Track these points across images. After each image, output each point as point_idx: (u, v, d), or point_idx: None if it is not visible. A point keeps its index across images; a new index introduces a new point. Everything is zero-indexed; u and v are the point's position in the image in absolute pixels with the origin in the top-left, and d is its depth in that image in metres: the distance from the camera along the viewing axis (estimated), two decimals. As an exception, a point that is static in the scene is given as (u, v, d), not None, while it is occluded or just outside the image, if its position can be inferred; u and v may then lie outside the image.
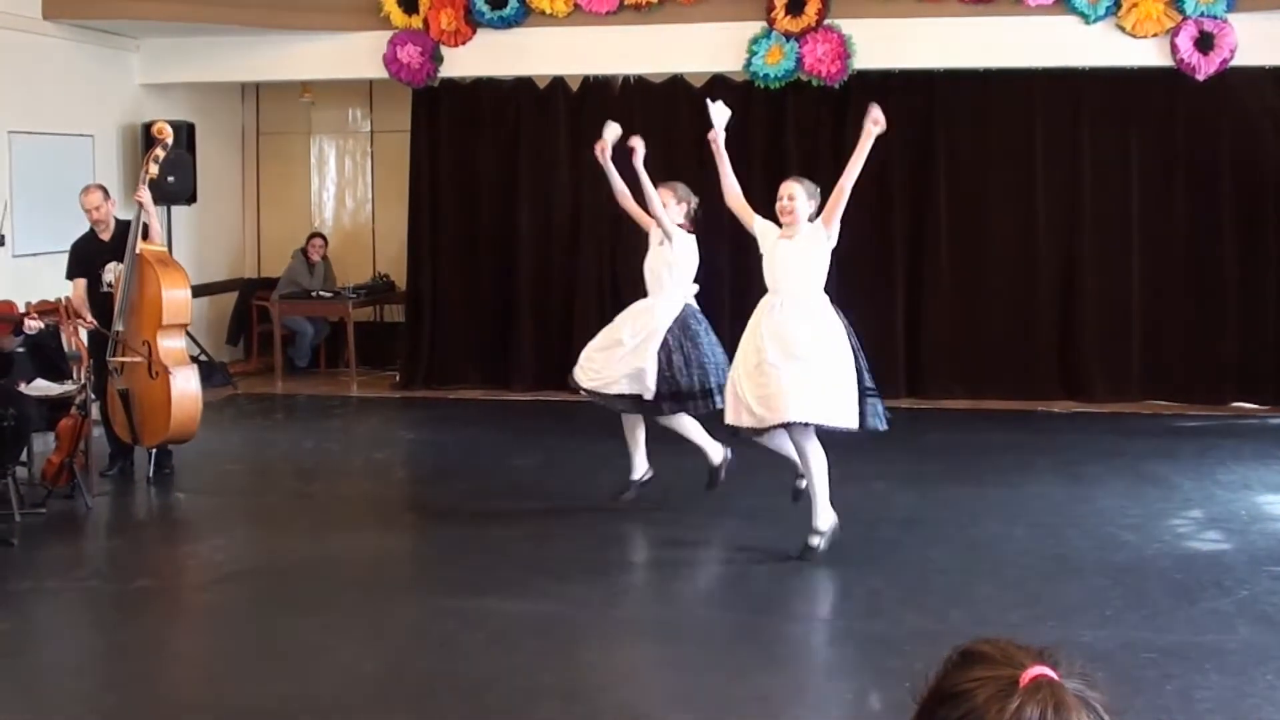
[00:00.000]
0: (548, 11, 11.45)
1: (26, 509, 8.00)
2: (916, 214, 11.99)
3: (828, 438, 7.01)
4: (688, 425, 7.99)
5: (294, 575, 7.12)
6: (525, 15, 11.54)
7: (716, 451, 8.02)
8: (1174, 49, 10.67)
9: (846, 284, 11.98)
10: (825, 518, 7.10)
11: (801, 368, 6.86)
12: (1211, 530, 7.77)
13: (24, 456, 8.52)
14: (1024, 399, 11.68)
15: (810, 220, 7.17)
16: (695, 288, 7.99)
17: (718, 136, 7.64)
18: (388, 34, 11.77)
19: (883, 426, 7.11)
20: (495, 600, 6.58)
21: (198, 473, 9.40)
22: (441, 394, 12.30)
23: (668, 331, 7.76)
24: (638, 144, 8.00)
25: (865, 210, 11.95)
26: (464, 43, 11.73)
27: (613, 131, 8.15)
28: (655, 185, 7.92)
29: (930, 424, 11.05)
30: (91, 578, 7.24)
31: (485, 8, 11.55)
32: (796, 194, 7.19)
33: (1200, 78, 10.73)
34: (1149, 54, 10.80)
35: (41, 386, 8.81)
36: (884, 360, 12.04)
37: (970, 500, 8.49)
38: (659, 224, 7.85)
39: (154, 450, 9.08)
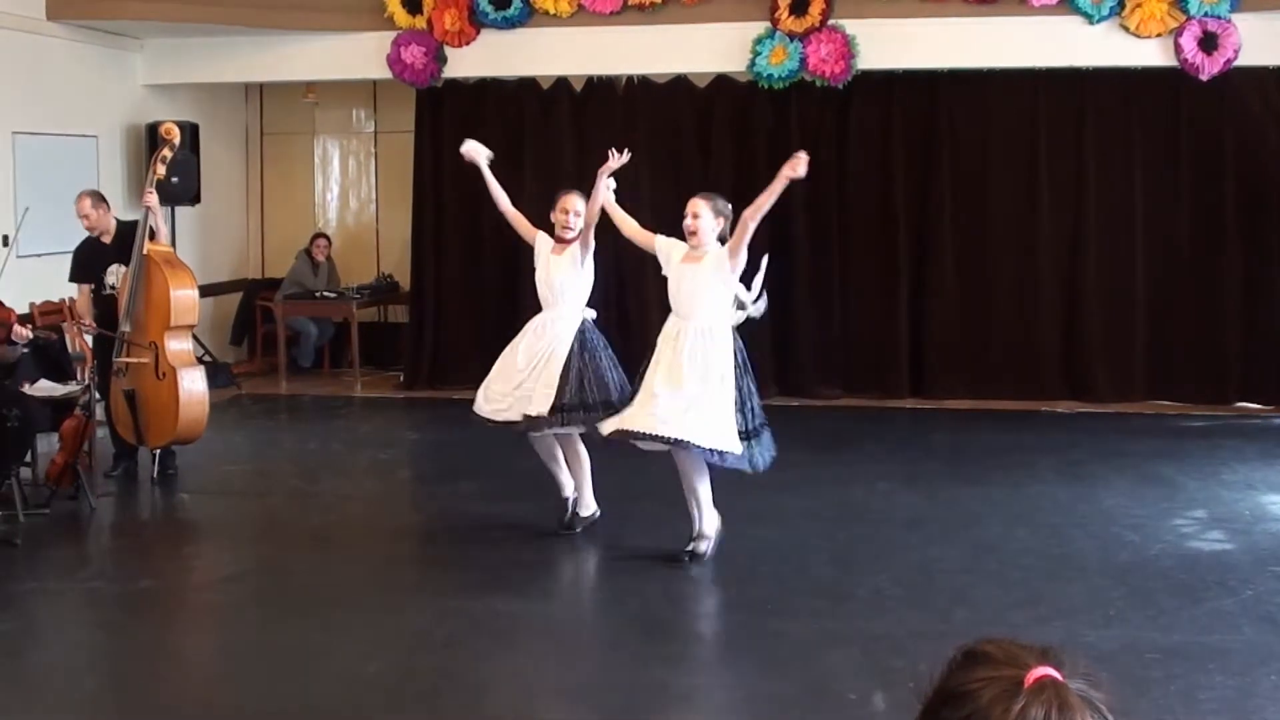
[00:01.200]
0: (551, 12, 11.45)
1: (30, 509, 8.00)
2: (920, 214, 11.99)
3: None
4: (551, 449, 7.79)
5: (298, 576, 7.13)
6: (529, 15, 11.54)
7: (568, 485, 7.83)
8: (1178, 49, 10.66)
9: (851, 284, 12.09)
10: (710, 522, 7.10)
11: (686, 398, 6.76)
12: (1215, 530, 7.76)
13: (28, 457, 8.53)
14: (1028, 399, 11.69)
15: (721, 242, 6.97)
16: (592, 312, 7.70)
17: (600, 183, 7.49)
18: (391, 34, 11.78)
19: (764, 466, 6.93)
20: (500, 601, 6.58)
21: (201, 473, 9.40)
22: (445, 394, 12.29)
23: (569, 350, 7.47)
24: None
25: (869, 210, 12.00)
26: (468, 43, 11.73)
27: (480, 154, 8.08)
28: (545, 194, 7.92)
29: (934, 424, 11.07)
30: (95, 578, 7.24)
31: (489, 8, 11.56)
32: (702, 212, 6.96)
33: (1204, 78, 10.72)
34: (1153, 54, 10.80)
35: (45, 387, 8.82)
36: (888, 361, 12.09)
37: (974, 500, 8.48)
38: (586, 240, 7.63)
39: (158, 451, 9.08)
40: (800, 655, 5.92)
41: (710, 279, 6.89)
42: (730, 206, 7.05)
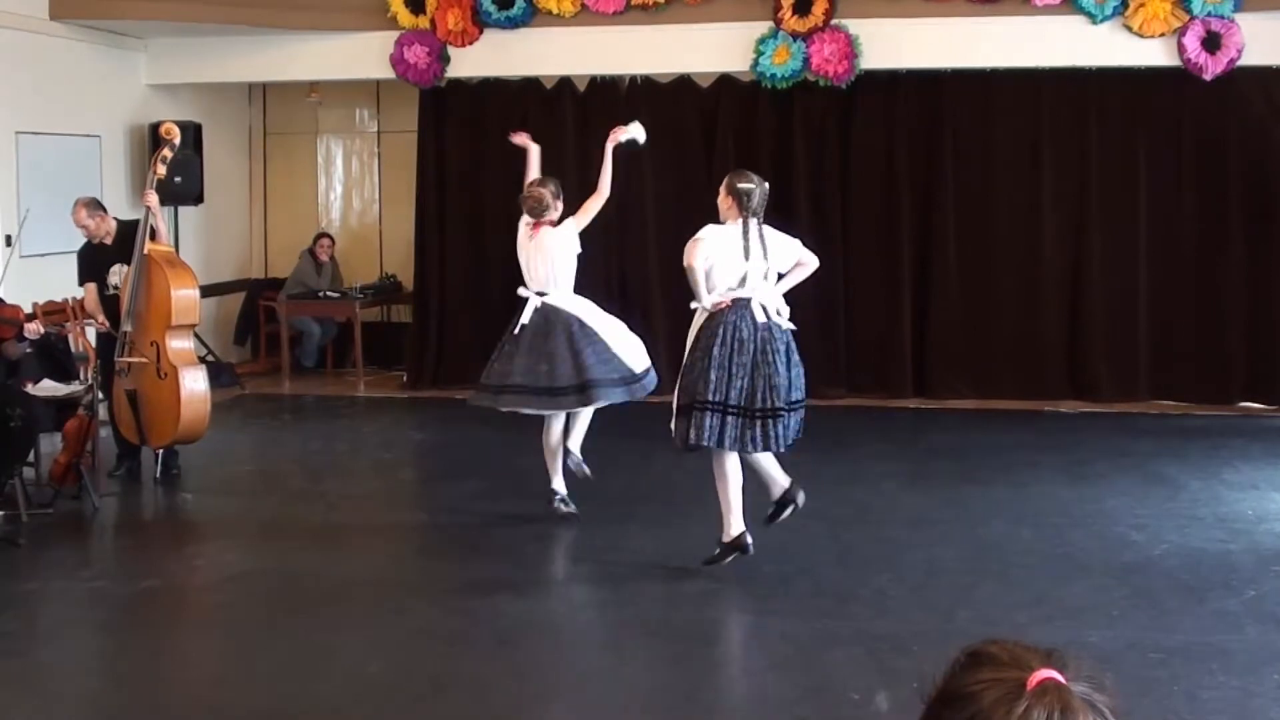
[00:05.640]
0: (555, 12, 11.45)
1: (34, 509, 8.01)
2: (923, 214, 11.99)
3: None
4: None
5: (301, 576, 7.12)
6: (532, 15, 11.54)
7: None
8: (1181, 49, 10.66)
9: (854, 284, 12.08)
10: (727, 528, 6.97)
11: None
12: (1218, 530, 7.75)
13: (31, 457, 8.53)
14: (1031, 399, 11.68)
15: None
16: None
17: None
18: (395, 34, 11.78)
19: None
20: (502, 600, 6.58)
21: (205, 473, 9.40)
22: (449, 394, 12.29)
23: (573, 326, 7.79)
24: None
25: (872, 210, 12.00)
26: (471, 43, 11.74)
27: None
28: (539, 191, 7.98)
29: (937, 424, 11.06)
30: (98, 578, 7.24)
31: (492, 8, 11.56)
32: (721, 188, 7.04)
33: (1207, 77, 10.72)
34: (1156, 54, 10.80)
35: (49, 387, 8.83)
36: (892, 360, 12.08)
37: (977, 500, 8.48)
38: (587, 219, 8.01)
39: (161, 451, 9.09)
40: (803, 655, 5.91)
41: None
42: (734, 185, 6.91)
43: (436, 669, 5.79)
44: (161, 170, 9.02)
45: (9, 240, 10.10)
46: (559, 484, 7.95)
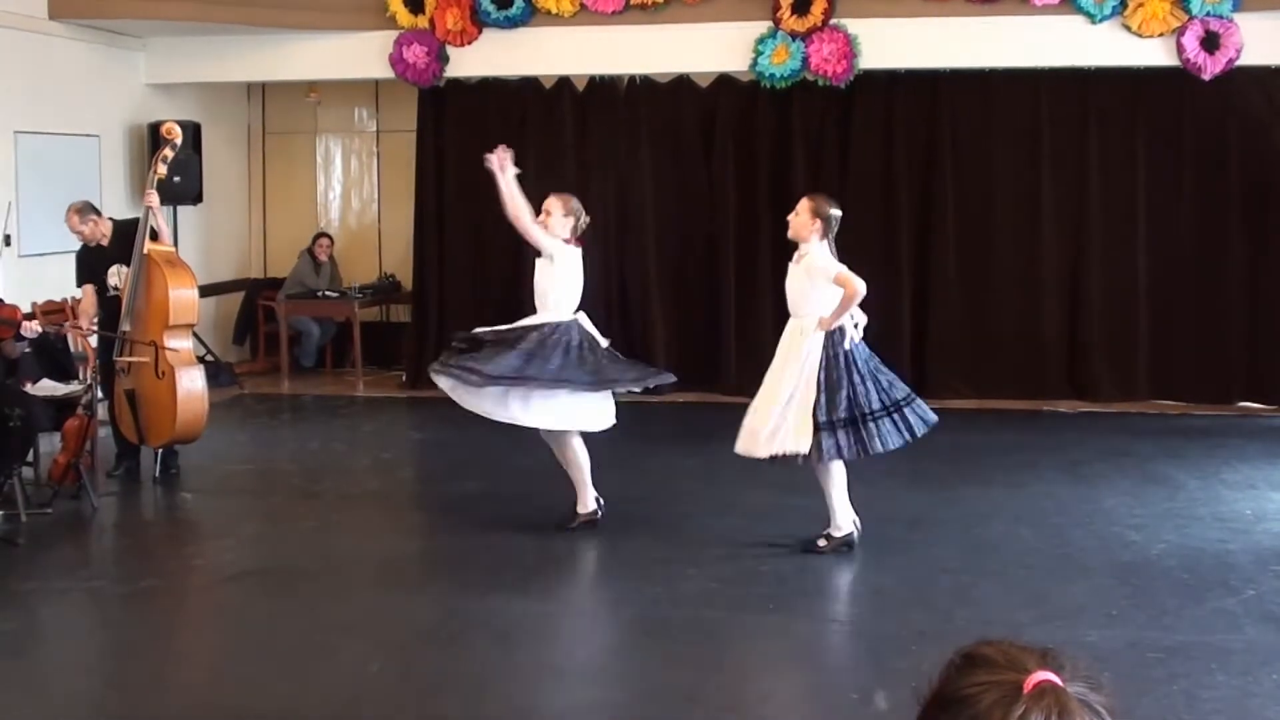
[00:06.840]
0: (554, 11, 11.45)
1: (33, 509, 8.00)
2: (922, 214, 11.98)
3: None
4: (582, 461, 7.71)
5: (300, 575, 7.13)
6: (531, 15, 11.55)
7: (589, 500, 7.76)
8: (1180, 48, 10.66)
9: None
10: (837, 522, 7.24)
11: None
12: (1217, 530, 7.75)
13: (30, 456, 8.53)
14: (1031, 399, 11.68)
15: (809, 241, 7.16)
16: (575, 303, 7.63)
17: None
18: (394, 34, 11.78)
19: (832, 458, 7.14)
20: (502, 599, 6.58)
21: (204, 473, 9.40)
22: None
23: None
24: (505, 155, 7.52)
25: (871, 210, 11.98)
26: (470, 42, 11.74)
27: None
28: (546, 195, 7.67)
29: (936, 424, 11.03)
30: (98, 578, 7.24)
31: (491, 7, 11.56)
32: (799, 210, 7.22)
33: (1206, 77, 10.72)
34: (1155, 54, 10.80)
35: (48, 387, 8.84)
36: (891, 360, 12.03)
37: (976, 500, 8.49)
38: (534, 241, 7.52)
39: (160, 450, 9.09)
40: (802, 654, 5.92)
41: (801, 276, 7.20)
42: (825, 210, 7.18)
43: (435, 668, 5.80)
44: (163, 170, 9.02)
45: (8, 240, 10.10)
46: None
